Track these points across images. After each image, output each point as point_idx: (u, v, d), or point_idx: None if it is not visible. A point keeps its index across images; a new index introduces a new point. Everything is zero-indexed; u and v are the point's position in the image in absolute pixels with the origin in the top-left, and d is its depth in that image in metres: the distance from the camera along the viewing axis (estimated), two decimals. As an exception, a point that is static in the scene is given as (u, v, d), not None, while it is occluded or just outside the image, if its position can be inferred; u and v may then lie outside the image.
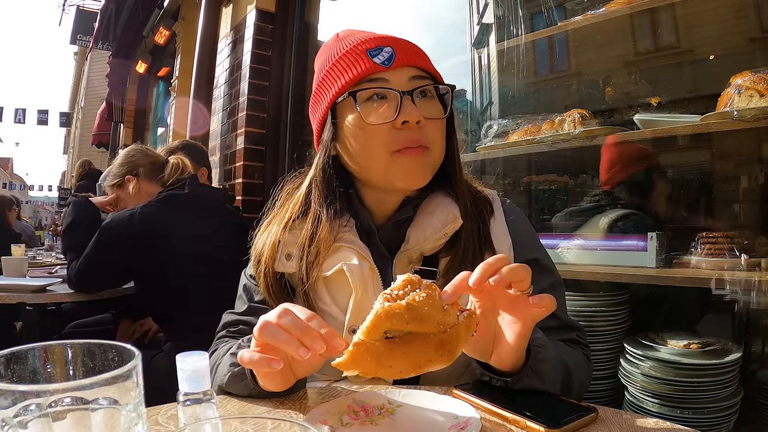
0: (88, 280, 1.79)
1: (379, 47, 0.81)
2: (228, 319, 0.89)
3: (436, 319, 0.54)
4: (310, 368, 0.65)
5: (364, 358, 0.53)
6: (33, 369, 0.37)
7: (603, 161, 1.74)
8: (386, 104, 0.79)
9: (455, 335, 0.55)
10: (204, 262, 1.69)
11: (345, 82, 0.81)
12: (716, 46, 1.69)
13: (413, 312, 0.53)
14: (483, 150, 1.92)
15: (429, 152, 0.80)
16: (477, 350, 0.66)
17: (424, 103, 0.80)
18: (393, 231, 0.85)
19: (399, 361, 0.54)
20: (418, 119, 0.77)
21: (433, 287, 0.57)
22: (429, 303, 0.54)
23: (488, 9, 2.34)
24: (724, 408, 1.27)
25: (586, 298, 1.53)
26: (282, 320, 0.59)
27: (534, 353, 0.65)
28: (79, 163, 4.96)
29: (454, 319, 0.57)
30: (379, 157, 0.80)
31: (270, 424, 0.37)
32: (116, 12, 6.46)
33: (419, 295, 0.55)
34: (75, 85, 23.88)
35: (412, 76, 0.80)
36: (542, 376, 0.65)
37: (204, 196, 1.80)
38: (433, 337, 0.54)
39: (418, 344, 0.54)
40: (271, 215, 0.91)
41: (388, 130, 0.78)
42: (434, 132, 0.81)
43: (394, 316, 0.53)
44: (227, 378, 0.69)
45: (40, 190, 33.20)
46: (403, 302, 0.54)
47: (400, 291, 0.56)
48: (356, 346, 0.53)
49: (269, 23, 3.06)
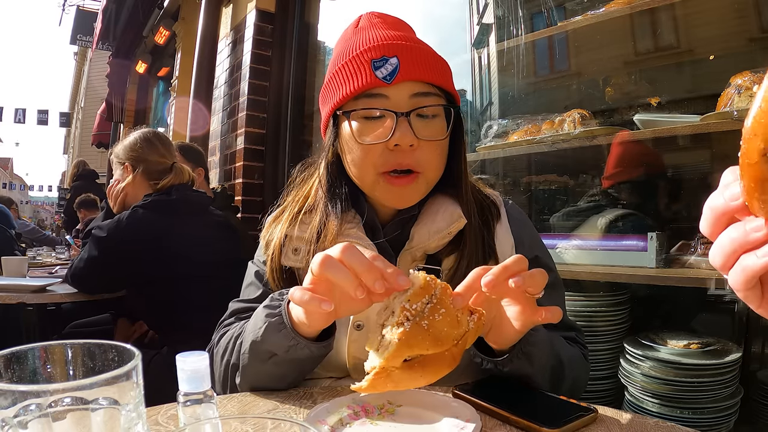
0: (82, 286, 1.83)
1: (384, 57, 0.77)
2: (237, 307, 0.88)
3: (452, 336, 0.55)
4: (355, 308, 0.63)
5: (384, 384, 0.54)
6: (33, 369, 0.37)
7: (610, 159, 1.74)
8: (382, 123, 0.77)
9: (464, 343, 0.57)
10: (192, 265, 1.68)
11: (345, 94, 0.79)
12: (716, 46, 1.69)
13: (433, 336, 0.54)
14: (483, 150, 1.92)
15: (420, 177, 0.79)
16: None
17: (423, 123, 0.78)
18: (397, 229, 0.85)
19: (416, 382, 0.56)
20: (411, 143, 0.76)
21: (447, 290, 0.58)
22: (447, 321, 0.55)
23: (488, 9, 2.34)
24: (724, 408, 1.27)
25: (586, 298, 1.53)
26: (345, 255, 0.57)
27: (526, 336, 0.67)
28: (74, 164, 4.98)
29: (466, 326, 0.57)
30: (368, 175, 0.80)
31: (270, 424, 0.37)
32: (116, 12, 6.46)
33: (438, 312, 0.55)
34: (75, 85, 23.89)
35: (414, 93, 0.77)
36: (531, 358, 0.68)
37: (190, 200, 1.78)
38: (447, 353, 0.56)
39: (434, 363, 0.55)
40: (284, 205, 0.92)
41: (381, 151, 0.78)
42: (430, 153, 0.79)
43: (415, 345, 0.53)
44: (263, 330, 0.68)
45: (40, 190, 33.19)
46: (425, 324, 0.54)
47: (417, 304, 0.55)
48: (377, 375, 0.54)
49: (269, 23, 3.06)
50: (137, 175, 1.80)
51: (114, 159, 1.87)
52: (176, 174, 1.81)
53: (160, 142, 1.87)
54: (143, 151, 1.82)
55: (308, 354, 0.67)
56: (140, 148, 1.82)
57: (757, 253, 0.35)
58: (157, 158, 1.83)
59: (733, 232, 0.36)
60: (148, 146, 1.83)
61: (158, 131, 2.00)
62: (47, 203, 34.96)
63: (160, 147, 1.85)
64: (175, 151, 1.95)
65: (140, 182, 1.81)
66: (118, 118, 7.86)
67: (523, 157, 1.98)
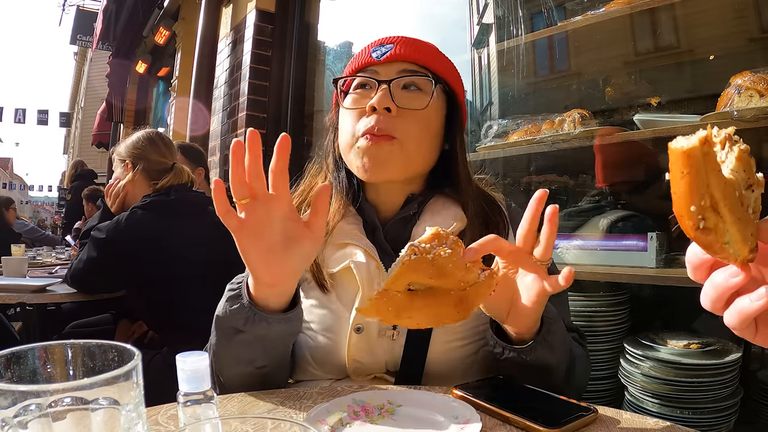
0: (82, 286, 1.83)
1: (382, 44, 0.83)
2: None
3: (458, 276, 0.56)
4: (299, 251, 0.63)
5: (386, 308, 0.55)
6: (33, 369, 0.37)
7: (610, 159, 1.74)
8: (369, 93, 0.81)
9: (474, 293, 0.58)
10: (191, 265, 1.68)
11: (344, 75, 0.86)
12: (716, 46, 1.69)
13: (437, 267, 0.55)
14: (483, 150, 1.92)
15: (396, 142, 0.78)
16: (494, 309, 0.68)
17: (407, 94, 0.81)
18: (397, 228, 0.85)
19: (418, 314, 0.56)
20: (386, 105, 0.78)
21: (459, 243, 0.59)
22: (453, 260, 0.56)
23: (488, 9, 2.35)
24: (724, 408, 1.27)
25: (586, 298, 1.53)
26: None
27: (547, 324, 0.68)
28: (72, 164, 4.98)
29: (476, 277, 0.58)
30: (347, 141, 0.82)
31: (270, 424, 0.37)
32: (116, 12, 6.47)
33: (444, 250, 0.56)
34: (75, 85, 23.89)
35: (401, 70, 0.81)
36: (553, 348, 0.68)
37: (188, 200, 1.78)
38: (453, 293, 0.56)
39: (438, 299, 0.56)
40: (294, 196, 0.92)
41: (359, 116, 0.81)
42: (410, 124, 0.79)
43: (418, 270, 0.54)
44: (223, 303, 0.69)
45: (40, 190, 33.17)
46: (429, 256, 0.55)
47: (427, 244, 0.57)
48: (379, 295, 0.55)
49: (269, 23, 3.06)
50: (137, 173, 1.81)
51: (115, 157, 1.88)
52: (176, 174, 1.81)
53: (162, 142, 1.87)
54: (145, 149, 1.83)
55: (266, 327, 0.66)
56: (142, 147, 1.83)
57: (751, 297, 0.40)
58: (158, 157, 1.83)
59: (717, 277, 0.41)
60: (150, 145, 1.84)
61: (161, 132, 2.01)
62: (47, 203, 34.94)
63: (162, 147, 1.86)
64: (176, 152, 1.96)
65: (140, 181, 1.82)
66: (118, 118, 7.87)
67: (523, 157, 1.98)
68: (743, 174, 0.40)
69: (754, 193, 0.40)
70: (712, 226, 0.39)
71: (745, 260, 0.40)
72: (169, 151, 1.88)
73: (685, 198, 0.39)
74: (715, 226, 0.39)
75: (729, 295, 0.41)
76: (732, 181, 0.39)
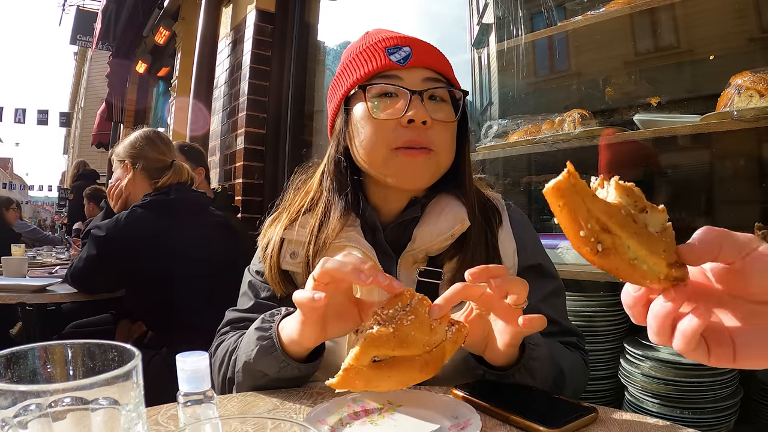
0: (82, 285, 1.84)
1: (398, 46, 0.82)
2: (232, 317, 0.89)
3: (422, 341, 0.57)
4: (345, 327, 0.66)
5: (354, 381, 0.56)
6: (33, 369, 0.37)
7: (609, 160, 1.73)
8: (396, 102, 0.80)
9: (440, 352, 0.58)
10: (190, 265, 1.68)
11: (360, 76, 0.82)
12: (716, 46, 1.69)
13: (399, 339, 0.56)
14: (483, 150, 1.92)
15: (433, 155, 0.80)
16: (470, 346, 0.69)
17: (435, 106, 0.81)
18: (398, 230, 0.85)
19: (385, 382, 0.57)
20: (424, 119, 0.78)
21: (424, 302, 0.59)
22: (416, 326, 0.57)
23: (488, 9, 2.35)
24: (724, 408, 1.27)
25: (586, 298, 1.53)
26: (346, 258, 0.61)
27: (528, 351, 0.68)
28: (74, 164, 4.99)
29: (442, 335, 0.59)
30: (379, 152, 0.80)
31: (270, 424, 0.37)
32: (116, 12, 6.47)
33: (407, 318, 0.57)
34: (75, 85, 23.89)
35: (425, 78, 0.81)
36: (533, 373, 0.68)
37: (189, 200, 1.78)
38: (419, 358, 0.57)
39: (403, 366, 0.57)
40: (281, 208, 0.92)
41: (394, 127, 0.79)
42: (442, 135, 0.81)
43: (380, 345, 0.55)
44: (255, 353, 0.70)
45: (40, 190, 33.19)
46: (390, 329, 0.56)
47: (390, 310, 0.58)
48: (346, 371, 0.56)
49: (269, 23, 3.06)
50: (137, 172, 1.80)
51: (114, 158, 1.87)
52: (175, 172, 1.81)
53: (160, 140, 1.87)
54: (143, 148, 1.82)
55: (297, 374, 0.69)
56: (140, 146, 1.83)
57: (691, 314, 0.39)
58: (157, 155, 1.83)
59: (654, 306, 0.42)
60: (148, 143, 1.84)
61: (159, 130, 2.00)
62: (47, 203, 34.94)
63: (160, 144, 1.86)
64: (174, 149, 1.96)
65: (140, 180, 1.81)
66: (118, 118, 7.87)
67: (523, 157, 1.98)
68: (627, 198, 0.41)
69: (649, 214, 0.41)
70: (610, 245, 0.39)
71: (670, 276, 0.40)
72: (167, 148, 1.88)
73: (571, 227, 0.39)
74: (614, 245, 0.39)
75: (671, 322, 0.41)
76: (615, 204, 0.40)
